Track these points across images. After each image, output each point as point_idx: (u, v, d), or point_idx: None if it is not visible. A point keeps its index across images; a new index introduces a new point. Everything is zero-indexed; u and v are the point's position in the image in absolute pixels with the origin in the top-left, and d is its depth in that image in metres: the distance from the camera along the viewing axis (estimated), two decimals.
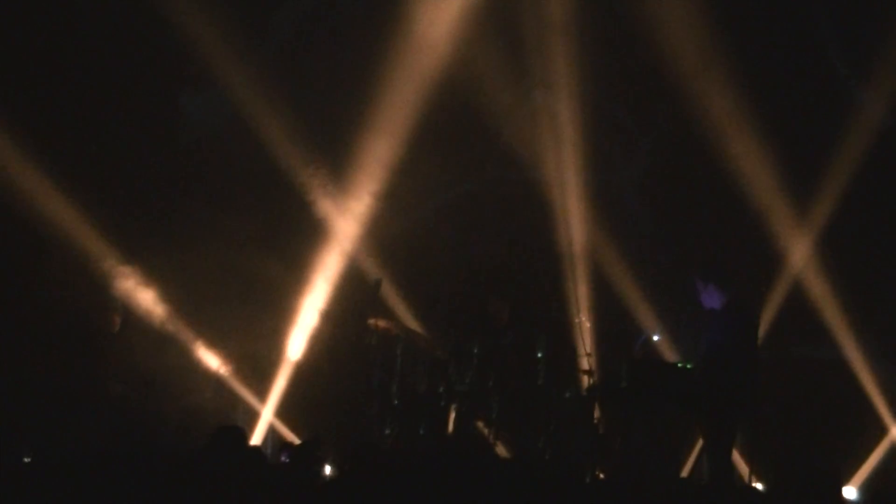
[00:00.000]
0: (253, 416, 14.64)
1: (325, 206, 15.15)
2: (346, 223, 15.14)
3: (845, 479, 14.38)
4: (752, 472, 12.34)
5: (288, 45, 15.24)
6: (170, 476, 7.10)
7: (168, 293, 14.43)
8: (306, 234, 15.02)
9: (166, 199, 15.04)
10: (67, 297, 13.98)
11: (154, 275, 14.36)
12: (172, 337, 14.43)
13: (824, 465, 13.73)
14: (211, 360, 14.50)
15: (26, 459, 12.01)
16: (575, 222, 15.29)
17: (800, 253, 15.01)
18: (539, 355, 13.06)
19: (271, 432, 14.67)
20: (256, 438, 14.39)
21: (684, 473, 13.19)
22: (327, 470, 12.40)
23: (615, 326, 14.87)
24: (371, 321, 13.52)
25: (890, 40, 14.65)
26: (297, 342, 14.91)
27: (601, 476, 12.55)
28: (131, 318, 14.17)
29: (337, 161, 15.08)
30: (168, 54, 14.60)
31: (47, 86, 14.32)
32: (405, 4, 14.70)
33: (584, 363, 13.23)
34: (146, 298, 14.35)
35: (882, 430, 14.77)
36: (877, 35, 14.72)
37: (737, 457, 12.63)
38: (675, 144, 15.43)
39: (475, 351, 13.02)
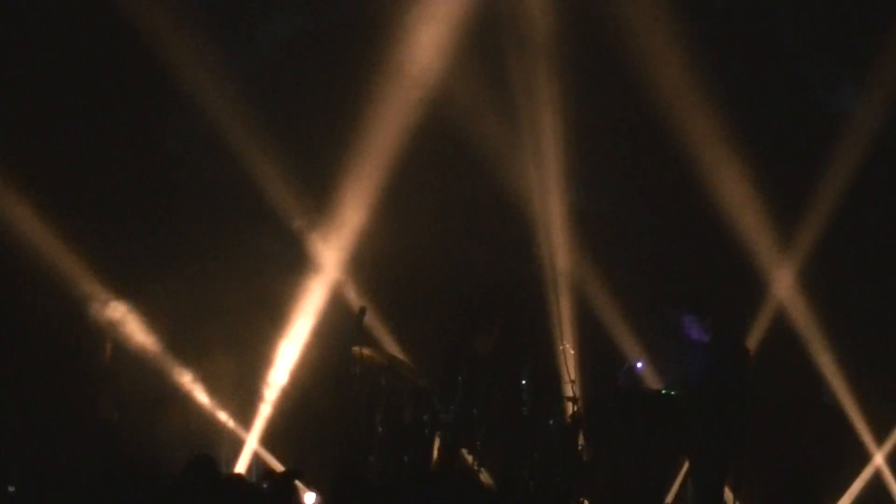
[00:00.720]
0: (238, 445, 14.63)
1: (309, 234, 15.16)
2: (331, 251, 15.15)
3: None
4: (735, 499, 12.36)
5: (270, 67, 15.20)
6: (155, 498, 7.10)
7: (154, 322, 14.43)
8: (290, 263, 15.03)
9: (149, 226, 15.00)
10: (57, 325, 13.98)
11: (142, 304, 14.37)
12: (159, 365, 14.43)
13: (808, 491, 13.77)
14: (196, 388, 14.50)
15: (11, 489, 11.98)
16: (559, 250, 15.31)
17: (784, 282, 15.05)
18: (523, 383, 13.05)
19: (256, 460, 14.65)
20: (241, 466, 14.38)
21: (668, 501, 13.19)
22: (311, 499, 12.39)
23: (600, 354, 14.89)
24: (355, 350, 13.50)
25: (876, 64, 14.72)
26: (281, 371, 14.90)
27: (586, 503, 12.56)
28: (120, 346, 14.19)
29: (320, 188, 15.09)
30: (151, 74, 14.56)
31: (29, 107, 14.29)
32: (387, 30, 14.72)
33: (569, 390, 13.25)
34: (135, 327, 14.35)
35: (865, 457, 14.80)
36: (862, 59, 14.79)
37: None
38: (658, 171, 15.45)
39: (459, 380, 13.01)
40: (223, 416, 14.66)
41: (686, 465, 12.83)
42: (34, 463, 12.65)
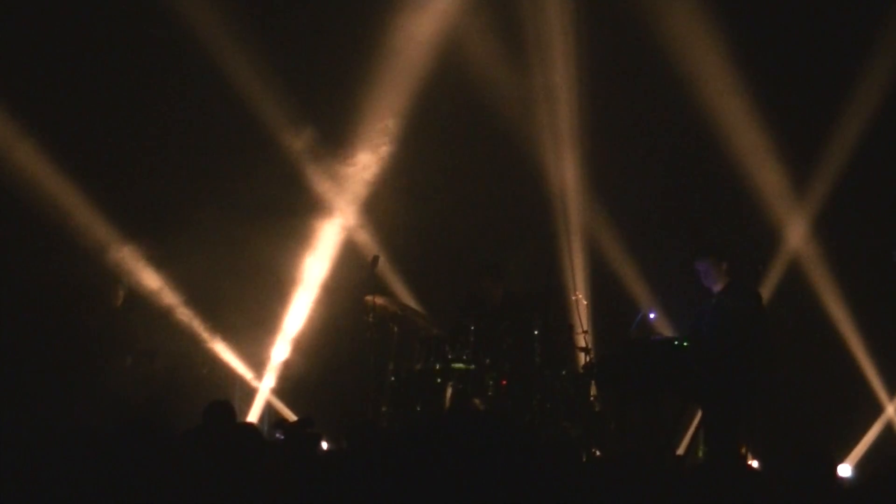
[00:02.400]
0: (250, 393, 14.67)
1: (323, 182, 15.14)
2: (344, 201, 15.13)
3: (840, 457, 14.41)
4: (747, 449, 12.36)
5: (281, 11, 15.13)
6: (167, 452, 7.09)
7: (167, 270, 14.45)
8: (303, 211, 15.01)
9: (157, 178, 14.99)
10: (70, 268, 13.99)
11: (154, 252, 14.38)
12: (171, 313, 14.46)
13: (819, 442, 13.76)
14: (208, 336, 14.52)
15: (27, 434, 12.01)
16: (572, 199, 15.28)
17: (797, 233, 15.01)
18: (535, 333, 13.06)
19: (268, 409, 14.69)
20: (253, 415, 14.41)
21: (680, 451, 13.21)
22: (323, 446, 12.42)
23: (613, 304, 14.88)
24: (368, 298, 13.51)
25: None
26: (293, 319, 14.92)
27: (597, 454, 12.58)
28: (133, 294, 14.21)
29: (334, 134, 15.07)
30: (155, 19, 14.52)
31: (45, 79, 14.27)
32: None
33: (581, 341, 13.25)
34: (147, 274, 14.37)
35: (877, 408, 14.79)
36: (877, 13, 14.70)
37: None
38: (672, 125, 15.40)
39: (472, 328, 13.02)
40: (236, 365, 14.68)
41: (698, 416, 12.82)
42: (47, 410, 12.69)
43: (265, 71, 14.66)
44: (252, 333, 14.71)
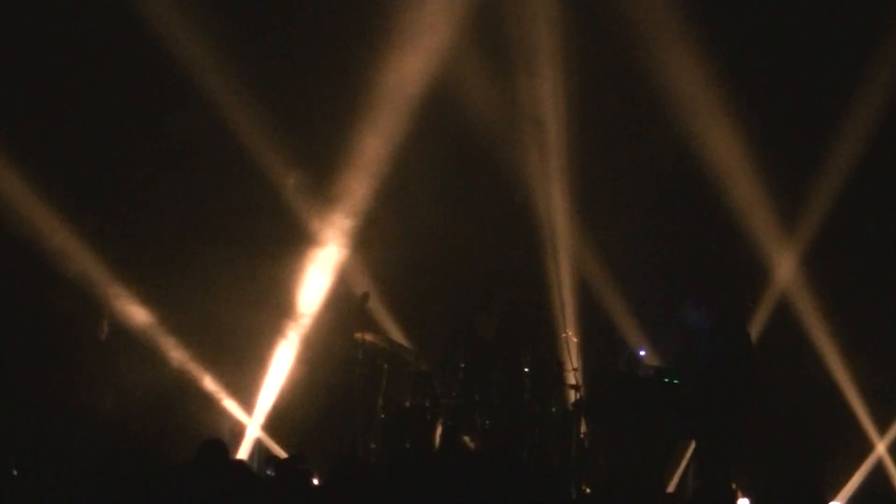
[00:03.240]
0: (240, 430, 14.63)
1: (313, 221, 15.14)
2: (335, 238, 15.14)
3: (831, 495, 14.40)
4: (737, 486, 12.35)
5: (267, 42, 15.15)
6: (157, 490, 7.08)
7: (154, 305, 14.43)
8: (293, 248, 15.01)
9: (150, 210, 14.99)
10: (54, 309, 13.97)
11: (141, 287, 14.36)
12: (158, 350, 14.42)
13: (809, 479, 13.74)
14: (198, 373, 14.49)
15: (14, 472, 11.98)
16: (561, 236, 15.29)
17: (786, 267, 15.04)
18: (525, 370, 13.07)
19: (258, 446, 14.65)
20: (243, 452, 14.37)
21: (671, 488, 13.20)
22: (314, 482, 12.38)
23: (602, 342, 14.88)
24: (357, 335, 13.51)
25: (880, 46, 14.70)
26: (283, 356, 14.90)
27: (587, 490, 12.56)
28: (119, 329, 14.18)
29: (324, 174, 15.08)
30: (147, 54, 14.52)
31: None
32: (393, 14, 14.71)
33: (571, 378, 13.25)
34: (132, 310, 14.35)
35: (867, 446, 14.79)
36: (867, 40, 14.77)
37: None
38: (662, 158, 15.44)
39: (461, 365, 13.02)
40: (224, 401, 14.65)
41: (688, 452, 12.82)
42: (34, 449, 12.64)
43: (256, 105, 14.67)
44: (242, 370, 14.69)
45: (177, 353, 14.45)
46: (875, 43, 14.65)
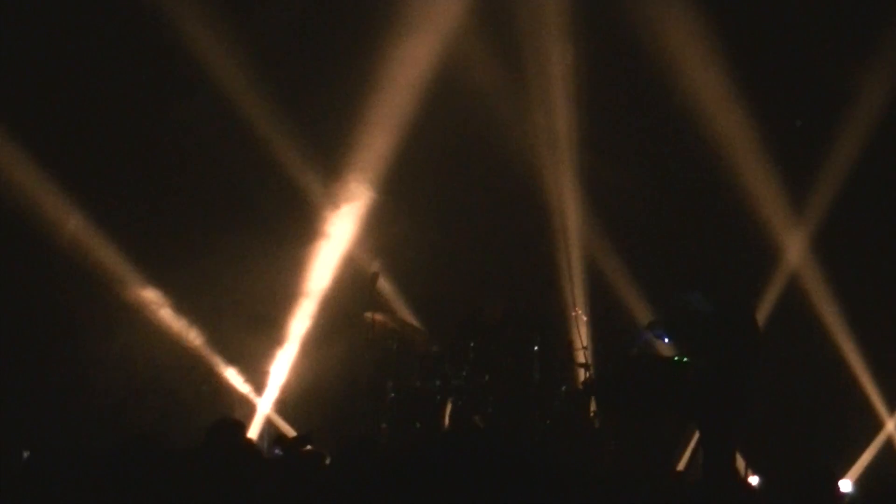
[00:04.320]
0: (249, 410, 14.66)
1: (323, 203, 15.14)
2: (344, 218, 15.14)
3: (841, 473, 14.40)
4: (747, 465, 12.36)
5: (278, 39, 15.13)
6: (169, 470, 7.09)
7: (166, 286, 14.45)
8: (304, 228, 15.02)
9: (161, 195, 15.00)
10: (66, 296, 14.02)
11: (150, 270, 14.38)
12: (168, 332, 14.46)
13: (820, 458, 13.76)
14: (207, 355, 14.53)
15: (26, 454, 12.02)
16: (570, 214, 15.29)
17: (796, 249, 15.02)
18: (535, 349, 13.05)
19: (268, 426, 14.68)
20: (252, 432, 14.40)
21: (680, 467, 13.19)
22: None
23: (612, 320, 14.86)
24: (367, 315, 13.52)
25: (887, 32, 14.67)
26: (293, 336, 14.92)
27: (598, 469, 12.56)
28: (130, 311, 14.23)
29: (334, 157, 15.08)
30: (159, 58, 14.54)
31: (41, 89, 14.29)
32: (401, 8, 14.71)
33: (581, 357, 13.24)
34: (146, 290, 14.39)
35: (878, 424, 14.79)
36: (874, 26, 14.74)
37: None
38: (670, 142, 15.41)
39: (471, 345, 13.02)
40: (235, 382, 14.69)
41: (697, 433, 12.81)
42: (46, 430, 12.70)
43: (265, 91, 14.67)
44: (252, 349, 14.72)
45: (189, 334, 14.49)
46: (886, 24, 14.63)
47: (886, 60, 14.65)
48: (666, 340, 12.53)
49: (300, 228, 14.99)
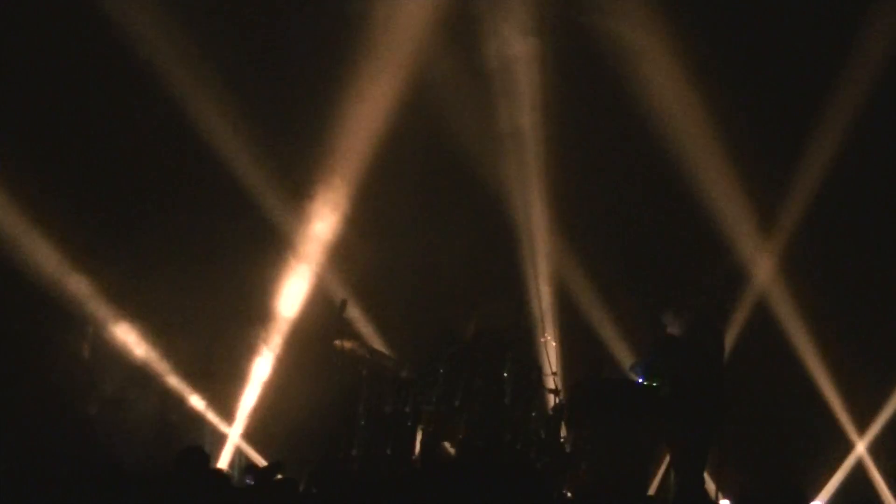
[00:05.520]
0: (220, 438, 14.60)
1: (291, 229, 15.12)
2: (312, 246, 15.12)
3: (812, 495, 14.44)
4: (718, 488, 12.37)
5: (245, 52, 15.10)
6: (136, 497, 7.06)
7: (135, 317, 14.39)
8: (271, 256, 14.99)
9: (127, 216, 14.93)
10: (31, 319, 13.94)
11: (122, 299, 14.32)
12: (140, 360, 14.40)
13: (791, 480, 13.79)
14: (176, 382, 14.47)
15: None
16: (539, 241, 15.31)
17: (764, 271, 15.07)
18: (505, 375, 13.06)
19: (238, 454, 14.63)
20: (223, 461, 14.34)
21: (651, 491, 13.20)
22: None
23: (582, 346, 14.88)
24: (336, 342, 13.49)
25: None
26: (263, 364, 14.88)
27: (569, 495, 12.55)
28: (100, 342, 14.16)
29: (300, 179, 15.06)
30: (119, 59, 14.46)
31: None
32: (372, 22, 14.73)
33: (551, 382, 13.25)
34: (116, 324, 14.32)
35: (847, 445, 14.83)
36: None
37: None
38: (639, 164, 15.46)
39: (441, 371, 13.01)
40: (203, 410, 14.63)
41: (668, 456, 12.82)
42: (13, 459, 12.60)
43: (232, 112, 14.64)
44: (221, 377, 14.67)
45: (159, 365, 14.43)
46: (851, 40, 14.71)
47: (853, 78, 14.73)
48: (640, 381, 12.54)
49: (269, 255, 14.96)
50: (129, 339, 14.37)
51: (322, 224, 15.08)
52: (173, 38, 14.30)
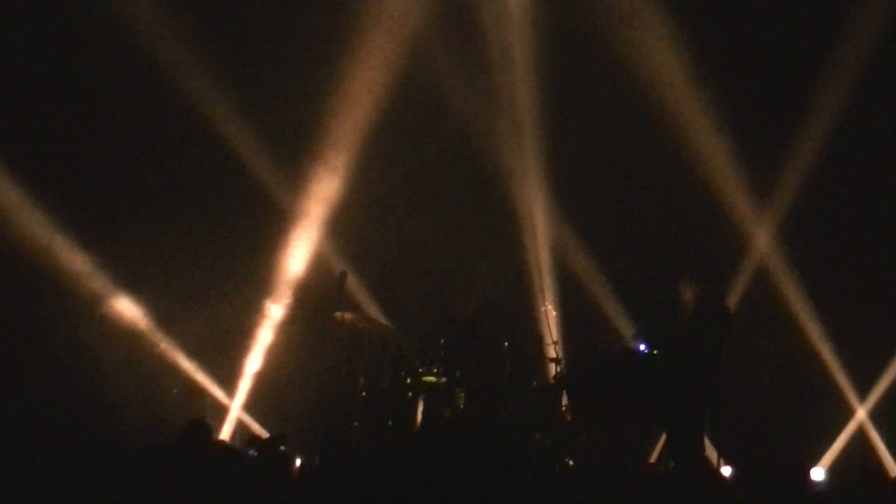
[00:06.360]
0: (221, 412, 14.63)
1: (290, 204, 15.12)
2: (311, 217, 15.12)
3: (813, 462, 14.47)
4: (720, 456, 12.39)
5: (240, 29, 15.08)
6: (142, 471, 7.09)
7: (136, 290, 14.41)
8: (272, 228, 15.00)
9: (129, 193, 14.95)
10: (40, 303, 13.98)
11: (122, 273, 14.34)
12: (140, 335, 14.42)
13: (792, 448, 13.83)
14: (178, 355, 14.49)
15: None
16: (539, 211, 15.31)
17: (763, 240, 15.07)
18: (505, 345, 13.07)
19: (239, 427, 14.66)
20: (225, 434, 14.37)
21: (652, 459, 13.22)
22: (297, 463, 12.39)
23: (582, 315, 14.89)
24: (336, 315, 13.50)
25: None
26: (264, 336, 14.90)
27: (570, 464, 12.58)
28: (101, 317, 14.19)
29: (300, 154, 15.06)
30: (128, 61, 14.48)
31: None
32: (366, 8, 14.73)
33: (551, 352, 13.25)
34: (117, 296, 14.35)
35: (848, 413, 14.86)
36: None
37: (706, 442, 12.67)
38: (637, 133, 15.44)
39: (442, 342, 13.02)
40: (206, 384, 14.65)
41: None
42: (22, 438, 12.65)
43: (231, 92, 14.65)
44: (222, 351, 14.68)
45: (159, 337, 14.45)
46: (846, 18, 14.70)
47: (847, 57, 14.71)
48: (642, 348, 12.51)
49: (267, 229, 14.96)
50: (131, 313, 14.40)
51: (322, 197, 15.07)
52: (174, 24, 14.32)
